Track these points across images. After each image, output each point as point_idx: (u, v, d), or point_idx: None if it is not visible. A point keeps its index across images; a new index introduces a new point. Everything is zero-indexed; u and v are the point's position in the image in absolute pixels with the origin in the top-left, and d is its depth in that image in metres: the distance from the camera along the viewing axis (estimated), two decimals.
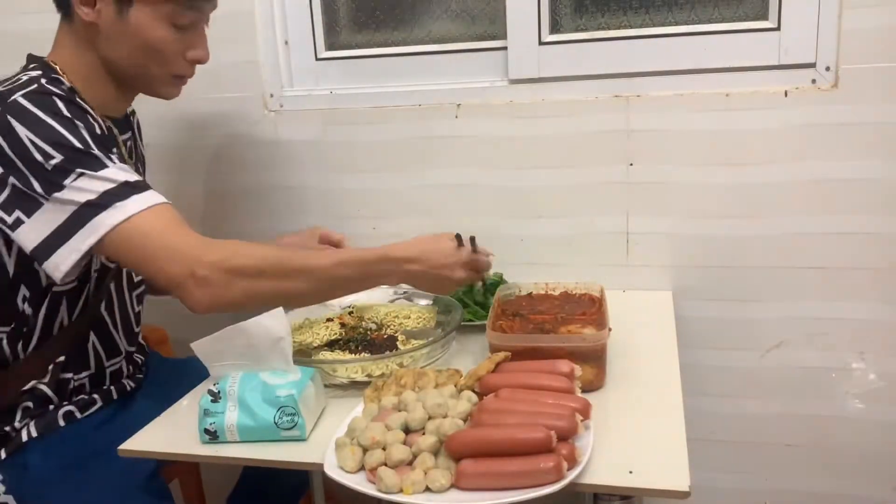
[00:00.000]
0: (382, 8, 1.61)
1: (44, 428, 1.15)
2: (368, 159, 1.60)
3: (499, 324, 1.19)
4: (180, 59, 1.16)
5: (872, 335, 1.45)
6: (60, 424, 1.16)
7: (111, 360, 1.25)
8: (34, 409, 1.15)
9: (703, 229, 1.47)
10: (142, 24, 1.10)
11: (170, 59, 1.15)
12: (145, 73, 1.15)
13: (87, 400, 1.20)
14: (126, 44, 1.11)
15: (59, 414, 1.16)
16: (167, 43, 1.13)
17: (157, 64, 1.15)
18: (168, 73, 1.17)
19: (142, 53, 1.12)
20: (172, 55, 1.15)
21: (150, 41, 1.11)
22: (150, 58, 1.13)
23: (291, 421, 0.99)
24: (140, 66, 1.14)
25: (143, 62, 1.14)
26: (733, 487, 1.60)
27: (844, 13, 1.33)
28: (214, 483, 1.49)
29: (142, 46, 1.12)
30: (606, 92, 1.47)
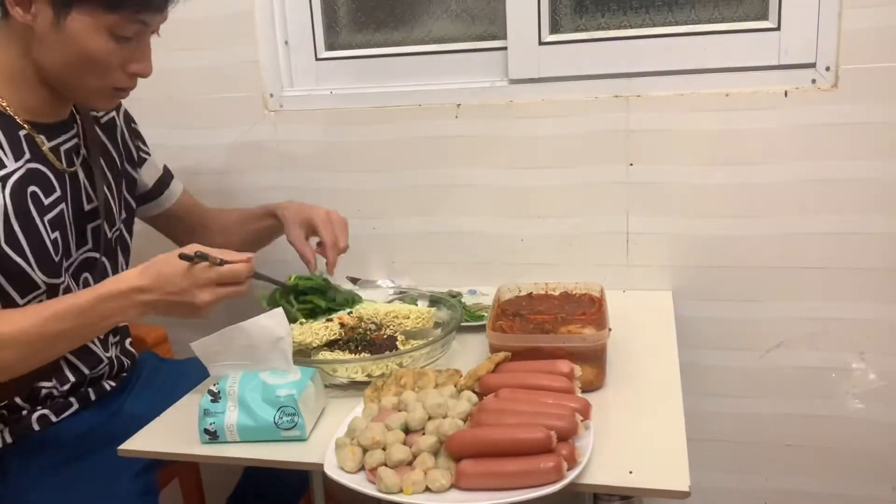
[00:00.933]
0: (382, 8, 1.61)
1: (18, 434, 1.13)
2: (368, 159, 1.60)
3: (499, 324, 1.19)
4: (119, 72, 1.09)
5: (872, 335, 1.45)
6: (35, 429, 1.14)
7: (94, 370, 1.22)
8: (7, 416, 1.13)
9: (703, 229, 1.47)
10: (80, 33, 1.03)
11: (108, 72, 1.08)
12: (81, 83, 1.08)
13: (63, 403, 1.18)
14: (62, 52, 1.04)
15: (33, 418, 1.14)
16: (106, 54, 1.05)
17: (95, 75, 1.07)
18: (106, 85, 1.09)
19: (78, 63, 1.05)
20: (111, 67, 1.07)
21: (88, 52, 1.04)
22: (86, 69, 1.06)
23: (291, 421, 0.99)
24: (76, 76, 1.07)
25: (79, 72, 1.07)
26: (733, 487, 1.60)
27: (844, 13, 1.33)
28: (214, 483, 1.49)
29: (78, 56, 1.04)
30: (606, 92, 1.47)
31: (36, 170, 1.10)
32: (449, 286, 1.57)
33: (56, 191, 1.13)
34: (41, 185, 1.10)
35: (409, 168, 1.59)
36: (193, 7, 1.58)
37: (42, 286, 1.10)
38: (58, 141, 1.16)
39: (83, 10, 1.02)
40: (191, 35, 1.60)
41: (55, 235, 1.11)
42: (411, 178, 1.59)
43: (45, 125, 1.13)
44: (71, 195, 1.16)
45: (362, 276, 1.65)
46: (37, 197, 1.09)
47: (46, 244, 1.10)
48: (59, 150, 1.15)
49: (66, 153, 1.17)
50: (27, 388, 1.14)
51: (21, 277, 1.07)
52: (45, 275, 1.09)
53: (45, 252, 1.09)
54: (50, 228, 1.10)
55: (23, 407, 1.14)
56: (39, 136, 1.12)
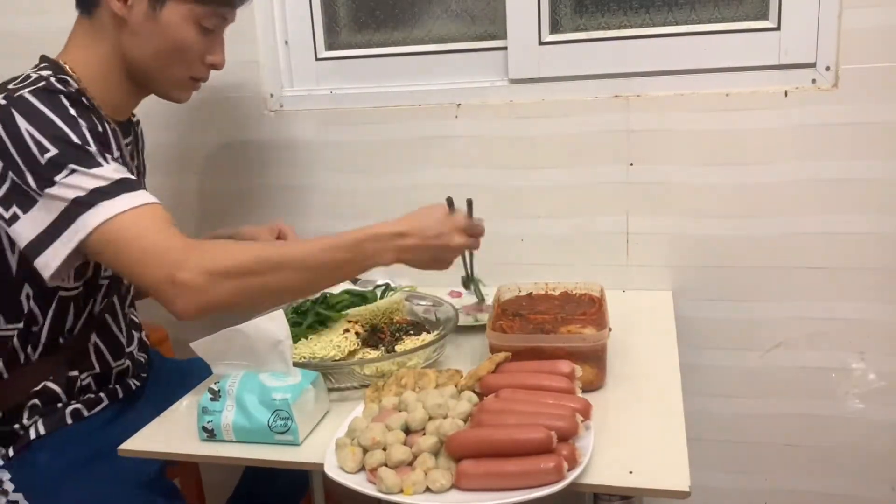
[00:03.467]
0: (382, 8, 1.61)
1: (51, 426, 1.14)
2: (368, 159, 1.60)
3: (499, 324, 1.19)
4: (199, 63, 1.18)
5: (872, 335, 1.45)
6: (68, 422, 1.16)
7: (117, 361, 1.24)
8: (42, 408, 1.15)
9: (703, 229, 1.47)
10: (173, 23, 1.11)
11: (191, 62, 1.16)
12: (165, 73, 1.16)
13: (94, 398, 1.20)
14: (153, 42, 1.12)
15: (67, 412, 1.16)
16: (192, 45, 1.14)
17: (180, 65, 1.16)
18: (186, 75, 1.18)
19: (167, 53, 1.13)
20: (195, 58, 1.16)
21: (178, 41, 1.13)
22: (173, 58, 1.14)
23: (284, 425, 0.99)
24: (162, 66, 1.15)
25: (166, 62, 1.14)
26: (733, 487, 1.60)
27: (844, 13, 1.33)
28: (214, 483, 1.49)
29: (169, 46, 1.13)
30: (606, 92, 1.47)
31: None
32: (449, 286, 1.57)
33: None
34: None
35: (410, 168, 1.59)
36: None
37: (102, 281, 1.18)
38: (128, 139, 1.24)
39: (178, 1, 1.11)
40: None
41: None
42: (411, 178, 1.59)
43: (121, 123, 1.20)
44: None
45: (362, 276, 1.64)
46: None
47: None
48: (128, 147, 1.24)
49: (129, 151, 1.25)
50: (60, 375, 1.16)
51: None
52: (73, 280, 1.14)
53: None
54: None
55: (60, 398, 1.16)
56: (120, 133, 1.19)
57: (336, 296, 1.37)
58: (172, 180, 1.69)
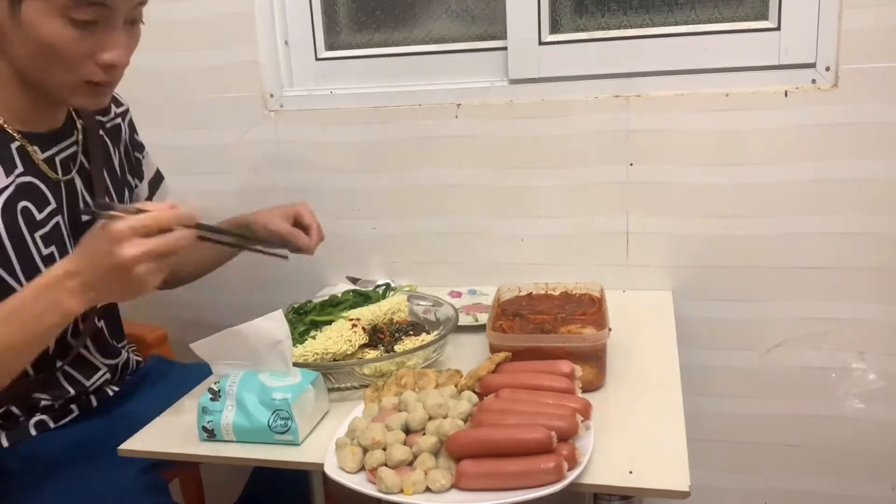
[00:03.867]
0: (382, 8, 1.61)
1: (14, 438, 1.11)
2: (368, 159, 1.60)
3: (499, 324, 1.19)
4: (89, 63, 0.99)
5: (872, 335, 1.45)
6: (32, 434, 1.12)
7: (92, 380, 1.19)
8: (2, 421, 1.11)
9: (703, 229, 1.47)
10: (35, 21, 0.94)
11: (74, 63, 0.98)
12: (50, 78, 1.00)
13: (63, 411, 1.16)
14: (24, 45, 0.97)
15: (31, 423, 1.12)
16: (66, 42, 0.96)
17: (61, 68, 0.98)
18: (77, 78, 1.00)
19: (40, 55, 0.97)
20: (77, 58, 0.98)
21: (47, 41, 0.95)
22: (49, 60, 0.97)
23: (285, 425, 0.99)
24: (43, 71, 0.99)
25: (44, 65, 0.98)
26: (733, 487, 1.60)
27: (844, 13, 1.33)
28: (215, 484, 1.49)
29: (39, 47, 0.96)
30: (606, 92, 1.47)
31: (28, 183, 1.05)
32: (449, 286, 1.57)
33: (50, 203, 1.08)
34: (34, 198, 1.06)
35: (409, 168, 1.59)
36: (193, 7, 1.59)
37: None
38: (53, 151, 1.11)
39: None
40: (191, 35, 1.60)
41: (49, 251, 1.07)
42: (411, 178, 1.59)
43: (39, 135, 1.09)
44: (67, 204, 1.12)
45: (362, 276, 1.65)
46: (28, 213, 1.05)
47: (37, 262, 1.05)
48: (54, 160, 1.11)
49: (62, 162, 1.12)
50: (24, 399, 1.12)
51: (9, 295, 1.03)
52: None
53: (35, 271, 1.04)
54: (43, 244, 1.06)
55: (19, 416, 1.12)
56: (33, 147, 1.07)
57: (339, 297, 1.38)
58: (172, 180, 1.68)
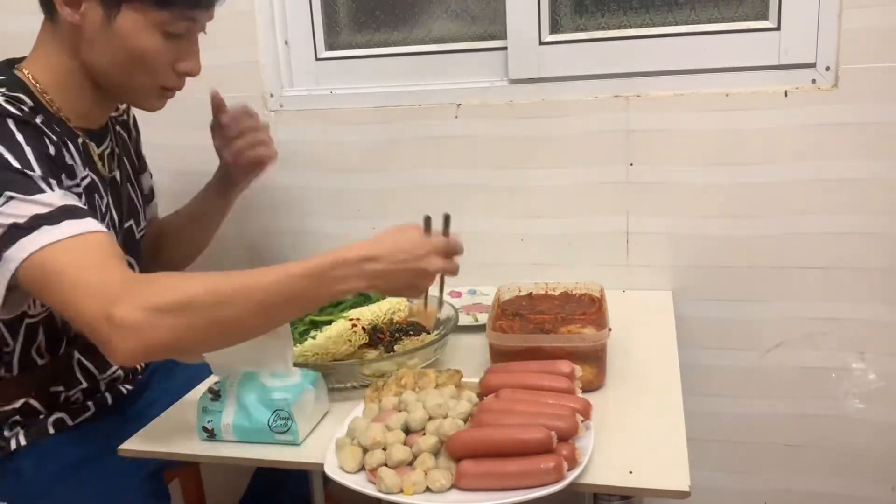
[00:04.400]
0: (382, 8, 1.61)
1: (33, 437, 1.13)
2: (368, 159, 1.60)
3: (499, 324, 1.19)
4: (169, 71, 1.09)
5: (872, 335, 1.45)
6: (50, 432, 1.14)
7: (104, 374, 1.22)
8: (23, 420, 1.13)
9: (703, 229, 1.47)
10: (130, 30, 1.03)
11: (158, 70, 1.08)
12: (130, 82, 1.08)
13: (79, 407, 1.18)
14: (111, 51, 1.04)
15: (49, 422, 1.14)
16: (156, 53, 1.05)
17: (144, 74, 1.07)
18: (155, 84, 1.10)
19: (128, 62, 1.05)
20: (161, 66, 1.08)
21: (138, 50, 1.04)
22: (136, 67, 1.06)
23: (285, 425, 0.99)
24: (125, 75, 1.07)
25: (128, 71, 1.06)
26: (733, 487, 1.60)
27: (844, 13, 1.33)
28: (215, 484, 1.49)
29: (128, 55, 1.04)
30: (606, 92, 1.47)
31: (92, 178, 1.12)
32: (449, 286, 1.57)
33: (105, 197, 1.15)
34: (97, 193, 1.13)
35: (409, 168, 1.59)
36: None
37: None
38: (103, 147, 1.17)
39: (133, 7, 1.02)
40: None
41: None
42: (411, 178, 1.59)
43: (93, 131, 1.14)
44: (112, 199, 1.18)
45: None
46: (95, 205, 1.11)
47: None
48: (104, 155, 1.17)
49: (108, 158, 1.19)
50: (42, 391, 1.13)
51: None
52: None
53: None
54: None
55: (39, 411, 1.14)
56: (91, 144, 1.13)
57: None
58: (172, 180, 1.69)
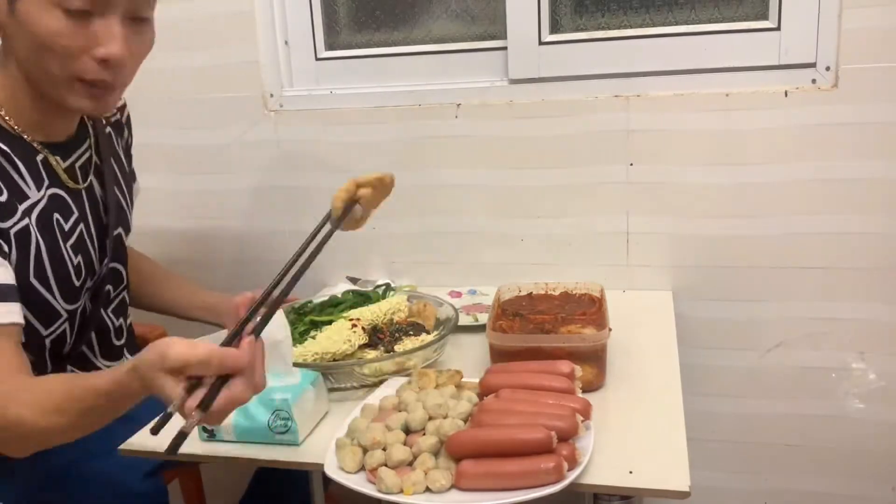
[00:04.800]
0: (382, 8, 1.61)
1: None
2: (369, 159, 1.60)
3: (499, 324, 1.19)
4: (84, 58, 0.95)
5: (872, 335, 1.45)
6: None
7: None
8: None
9: (703, 229, 1.47)
10: (30, 14, 0.92)
11: (69, 57, 0.95)
12: (45, 74, 0.97)
13: None
14: (21, 41, 0.95)
15: None
16: (60, 34, 0.93)
17: (54, 62, 0.95)
18: (70, 73, 0.96)
19: (36, 50, 0.94)
20: (71, 51, 0.94)
21: (40, 33, 0.93)
22: (44, 54, 0.94)
23: (285, 426, 0.99)
24: (38, 66, 0.96)
25: (39, 60, 0.95)
26: (733, 487, 1.60)
27: (844, 13, 1.33)
28: (215, 484, 1.49)
29: (33, 41, 0.93)
30: (606, 92, 1.47)
31: (55, 195, 1.07)
32: (449, 286, 1.57)
33: (74, 212, 1.10)
34: (61, 210, 1.07)
35: (409, 168, 1.58)
36: (193, 7, 1.59)
37: (64, 314, 1.08)
38: (72, 159, 1.11)
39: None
40: (191, 35, 1.60)
41: (77, 260, 1.09)
42: (411, 178, 1.59)
43: (58, 144, 1.09)
44: (90, 211, 1.13)
45: (362, 277, 1.65)
46: (59, 224, 1.07)
47: (70, 272, 1.07)
48: (74, 168, 1.11)
49: (80, 169, 1.13)
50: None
51: (45, 308, 1.05)
52: (66, 303, 1.08)
53: (68, 280, 1.07)
54: (73, 254, 1.08)
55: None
56: (55, 158, 1.07)
57: (339, 297, 1.38)
58: (172, 180, 1.69)
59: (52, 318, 1.07)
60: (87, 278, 1.12)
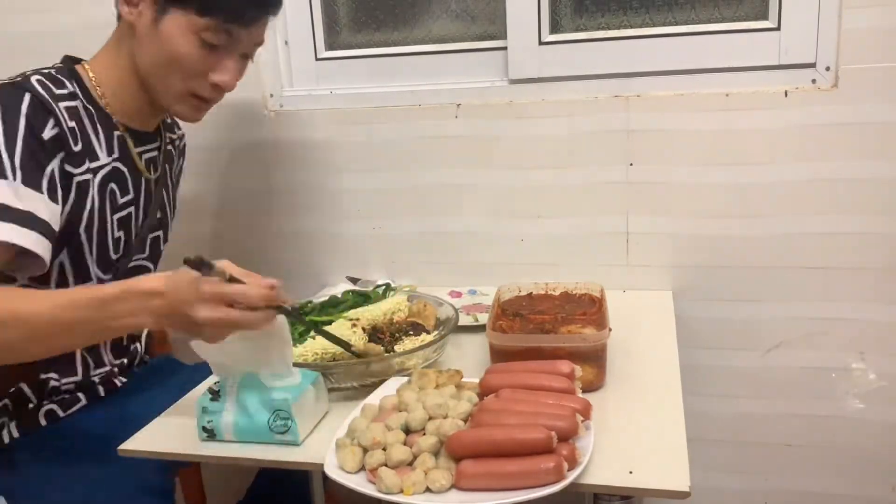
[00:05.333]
0: (382, 8, 1.61)
1: (26, 428, 1.14)
2: (368, 159, 1.60)
3: (499, 324, 1.19)
4: (201, 79, 1.13)
5: (872, 335, 1.45)
6: (42, 423, 1.15)
7: (99, 368, 1.22)
8: (13, 409, 1.14)
9: (703, 229, 1.47)
10: (172, 33, 1.08)
11: (190, 76, 1.12)
12: (162, 84, 1.13)
13: (71, 398, 1.18)
14: (154, 50, 1.10)
15: (41, 413, 1.15)
16: (191, 58, 1.10)
17: (177, 77, 1.12)
18: (186, 89, 1.14)
19: (165, 63, 1.10)
20: (194, 72, 1.12)
21: (175, 52, 1.09)
22: (171, 69, 1.11)
23: (285, 426, 0.99)
24: (160, 76, 1.12)
25: (164, 72, 1.11)
26: (733, 487, 1.60)
27: (844, 13, 1.33)
28: (215, 484, 1.49)
29: (166, 56, 1.10)
30: (606, 92, 1.47)
31: (119, 168, 1.16)
32: (449, 286, 1.57)
33: (130, 193, 1.19)
34: (120, 183, 1.17)
35: (409, 168, 1.59)
36: None
37: (94, 279, 1.14)
38: (144, 147, 1.23)
39: (179, 11, 1.08)
40: None
41: (119, 234, 1.17)
42: (411, 178, 1.59)
43: (137, 131, 1.20)
44: (143, 201, 1.23)
45: (362, 276, 1.65)
46: (114, 194, 1.15)
47: (109, 241, 1.16)
48: (142, 156, 1.22)
49: (147, 161, 1.24)
50: (34, 378, 1.14)
51: (80, 266, 1.12)
52: (100, 270, 1.15)
53: (106, 248, 1.15)
54: (117, 227, 1.17)
55: (30, 399, 1.15)
56: (131, 140, 1.19)
57: (339, 297, 1.38)
58: None
59: (83, 277, 1.13)
60: (122, 257, 1.19)
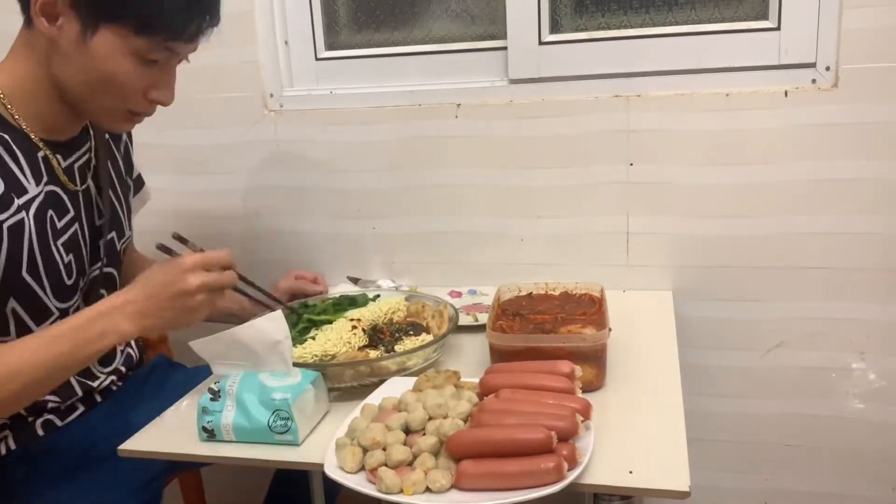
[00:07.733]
0: (382, 8, 1.61)
1: (23, 441, 1.12)
2: (368, 159, 1.60)
3: (499, 324, 1.19)
4: (140, 96, 1.05)
5: (872, 335, 1.45)
6: (40, 434, 1.13)
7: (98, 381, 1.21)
8: (10, 423, 1.11)
9: (703, 229, 1.47)
10: (105, 51, 0.99)
11: (128, 95, 1.04)
12: (98, 103, 1.04)
13: (68, 407, 1.16)
14: (83, 69, 1.00)
15: (38, 424, 1.13)
16: (128, 77, 1.01)
17: (113, 97, 1.03)
18: (123, 107, 1.06)
19: (98, 82, 1.01)
20: (132, 91, 1.04)
21: (111, 72, 1.00)
22: (106, 89, 1.02)
23: (285, 426, 0.98)
24: (94, 95, 1.03)
25: (98, 91, 1.03)
26: (733, 487, 1.60)
27: (844, 13, 1.33)
28: (215, 484, 1.49)
29: (100, 75, 1.00)
30: (606, 92, 1.47)
31: (52, 192, 1.09)
32: (449, 286, 1.57)
33: (70, 211, 1.12)
34: (56, 207, 1.09)
35: (409, 168, 1.59)
36: None
37: (55, 312, 1.09)
38: (72, 159, 1.14)
39: (112, 30, 0.98)
40: None
41: (69, 258, 1.11)
42: (411, 178, 1.59)
43: (60, 143, 1.11)
44: (84, 212, 1.15)
45: (362, 276, 1.65)
46: (53, 221, 1.08)
47: (61, 269, 1.09)
48: (73, 168, 1.14)
49: (79, 170, 1.15)
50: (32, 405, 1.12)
51: (36, 304, 1.06)
52: (57, 300, 1.09)
53: (59, 278, 1.09)
54: (64, 252, 1.10)
55: (26, 416, 1.12)
56: (56, 157, 1.10)
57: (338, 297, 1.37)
58: (172, 180, 1.69)
59: (43, 315, 1.08)
60: (78, 278, 1.13)
